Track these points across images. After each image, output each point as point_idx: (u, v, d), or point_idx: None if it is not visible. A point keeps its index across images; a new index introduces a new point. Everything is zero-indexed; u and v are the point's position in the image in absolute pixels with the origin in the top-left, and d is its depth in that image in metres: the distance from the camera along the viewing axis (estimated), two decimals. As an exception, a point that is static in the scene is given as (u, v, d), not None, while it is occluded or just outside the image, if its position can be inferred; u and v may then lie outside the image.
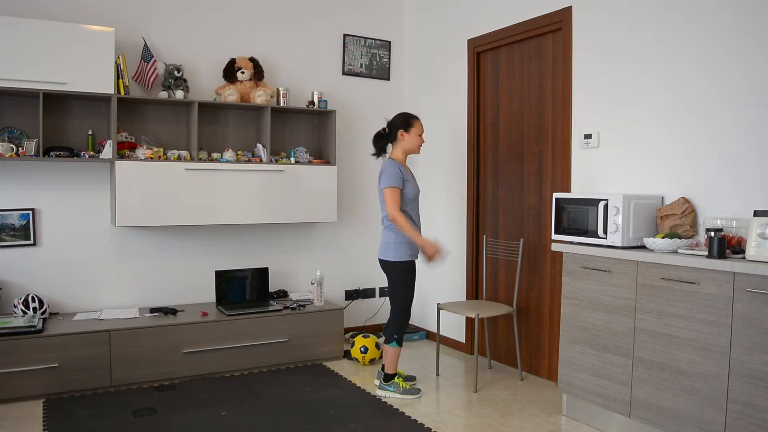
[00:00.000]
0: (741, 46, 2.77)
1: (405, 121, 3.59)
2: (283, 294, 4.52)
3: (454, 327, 4.60)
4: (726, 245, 2.54)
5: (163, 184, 3.89)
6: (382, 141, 3.62)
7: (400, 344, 3.55)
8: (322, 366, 4.11)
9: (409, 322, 5.10)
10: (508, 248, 4.09)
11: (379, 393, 3.58)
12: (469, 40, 4.41)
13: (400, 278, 3.50)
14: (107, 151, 3.77)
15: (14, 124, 3.76)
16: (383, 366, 3.62)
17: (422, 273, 4.85)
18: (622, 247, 2.94)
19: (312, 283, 4.40)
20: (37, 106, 3.61)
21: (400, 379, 3.59)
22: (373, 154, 3.68)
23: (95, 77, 3.68)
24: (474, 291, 4.43)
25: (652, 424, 2.77)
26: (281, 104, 4.35)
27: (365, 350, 4.15)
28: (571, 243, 3.17)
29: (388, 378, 3.58)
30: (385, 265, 3.54)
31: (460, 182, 4.53)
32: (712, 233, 2.56)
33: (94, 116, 3.96)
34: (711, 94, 2.90)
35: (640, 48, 3.22)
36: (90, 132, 3.89)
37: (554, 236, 3.29)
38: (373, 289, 5.05)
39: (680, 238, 2.77)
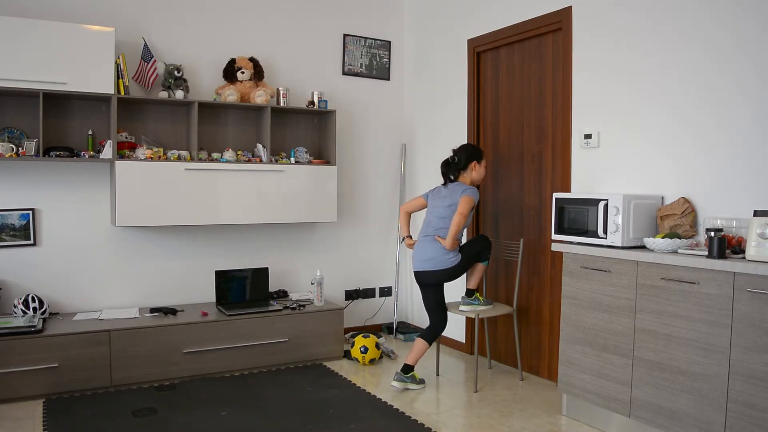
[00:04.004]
0: (742, 47, 2.78)
1: (479, 153, 3.72)
2: (283, 294, 4.52)
3: (454, 327, 4.60)
4: (726, 245, 2.54)
5: (163, 184, 3.89)
6: (450, 168, 3.72)
7: (488, 262, 3.89)
8: (322, 366, 4.11)
9: (410, 322, 5.14)
10: (508, 248, 4.09)
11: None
12: (469, 40, 4.41)
13: (465, 257, 3.67)
14: (107, 151, 3.77)
15: (14, 124, 3.76)
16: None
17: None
18: (622, 247, 2.94)
19: (312, 283, 4.40)
20: (37, 106, 3.61)
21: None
22: (444, 184, 3.76)
23: (95, 77, 3.68)
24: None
25: (652, 424, 2.77)
26: (281, 104, 4.35)
27: (365, 350, 4.15)
28: (571, 243, 3.17)
29: (471, 293, 3.83)
30: (443, 272, 3.64)
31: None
32: (712, 233, 2.56)
33: (94, 116, 3.96)
34: (712, 95, 2.90)
35: (641, 48, 3.22)
36: (90, 132, 3.89)
37: (554, 236, 3.29)
38: (373, 289, 5.05)
39: (680, 238, 2.76)
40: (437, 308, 3.73)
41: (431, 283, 3.70)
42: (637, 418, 2.84)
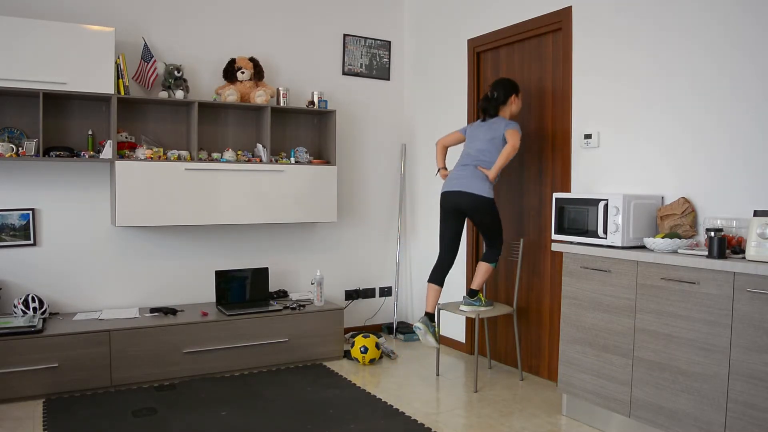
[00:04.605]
0: (742, 48, 2.78)
1: (517, 86, 3.73)
2: (283, 294, 4.52)
3: (454, 327, 4.60)
4: (726, 245, 2.54)
5: (163, 184, 3.89)
6: (491, 104, 3.71)
7: (496, 264, 3.83)
8: (322, 366, 4.11)
9: (410, 322, 5.14)
10: (508, 248, 4.09)
11: (465, 309, 3.79)
12: (469, 40, 4.41)
13: (496, 210, 3.68)
14: (107, 151, 3.77)
15: (14, 124, 3.76)
16: (470, 290, 3.82)
17: (422, 273, 4.86)
18: (622, 247, 2.94)
19: (312, 283, 4.40)
20: (37, 106, 3.61)
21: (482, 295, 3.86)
22: (483, 119, 3.75)
23: (95, 77, 3.68)
24: (474, 291, 4.42)
25: (652, 424, 2.77)
26: (281, 104, 4.35)
27: (365, 350, 4.15)
28: (571, 243, 3.17)
29: (473, 293, 3.80)
30: (477, 199, 3.58)
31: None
32: (712, 233, 2.56)
33: (94, 116, 3.96)
34: (712, 95, 2.91)
35: (640, 48, 3.22)
36: (90, 132, 3.89)
37: (554, 236, 3.29)
38: (373, 289, 5.05)
39: (680, 238, 2.77)
40: (452, 243, 3.77)
41: (457, 209, 3.68)
42: (637, 418, 2.84)
